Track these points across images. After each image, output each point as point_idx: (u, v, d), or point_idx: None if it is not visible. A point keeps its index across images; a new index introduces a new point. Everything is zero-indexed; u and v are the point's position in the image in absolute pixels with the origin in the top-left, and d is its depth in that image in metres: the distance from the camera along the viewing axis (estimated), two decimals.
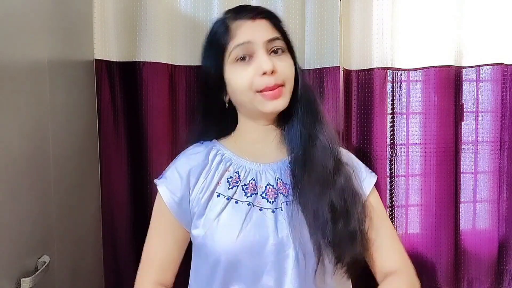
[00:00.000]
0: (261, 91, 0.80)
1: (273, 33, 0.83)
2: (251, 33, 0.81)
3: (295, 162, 0.84)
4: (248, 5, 0.89)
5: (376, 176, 0.93)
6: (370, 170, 0.94)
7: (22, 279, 0.77)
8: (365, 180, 0.90)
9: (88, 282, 1.15)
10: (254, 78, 0.80)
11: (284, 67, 0.82)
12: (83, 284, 1.10)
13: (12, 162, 0.77)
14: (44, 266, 0.84)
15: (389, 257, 0.87)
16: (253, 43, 0.80)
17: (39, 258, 0.86)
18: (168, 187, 0.86)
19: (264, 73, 0.79)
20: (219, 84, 0.85)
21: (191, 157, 0.88)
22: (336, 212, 0.79)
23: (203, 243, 0.82)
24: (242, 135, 0.91)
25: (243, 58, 0.81)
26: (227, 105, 0.88)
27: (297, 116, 0.86)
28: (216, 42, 0.84)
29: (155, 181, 0.88)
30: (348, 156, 0.91)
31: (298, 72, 0.86)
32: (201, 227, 0.82)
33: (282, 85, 0.81)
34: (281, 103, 0.82)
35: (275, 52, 0.83)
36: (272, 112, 0.83)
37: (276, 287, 0.78)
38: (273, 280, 0.78)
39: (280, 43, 0.83)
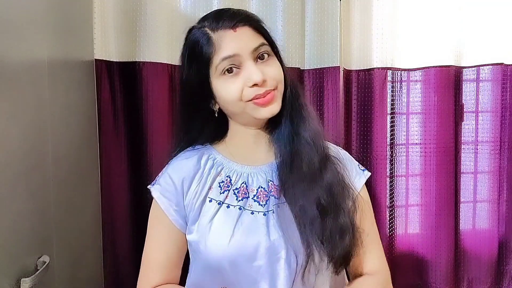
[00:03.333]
0: (251, 100, 0.79)
1: (258, 40, 0.80)
2: (236, 45, 0.78)
3: (282, 162, 0.83)
4: (226, 11, 0.83)
5: (369, 174, 0.93)
6: (362, 168, 0.93)
7: (22, 279, 0.77)
8: (356, 177, 0.90)
9: (88, 282, 1.15)
10: (244, 89, 0.78)
11: (273, 71, 0.81)
12: (83, 284, 1.10)
13: (11, 161, 0.77)
14: (44, 266, 0.84)
15: (368, 260, 0.88)
16: (239, 55, 0.78)
17: (39, 258, 0.86)
18: (162, 193, 0.86)
19: (255, 85, 0.78)
20: (206, 94, 0.84)
21: (183, 163, 0.88)
22: (324, 208, 0.78)
23: (197, 248, 0.82)
24: (233, 139, 0.90)
25: (230, 70, 0.79)
26: (216, 113, 0.87)
27: (285, 117, 0.85)
28: (200, 54, 0.80)
29: (149, 187, 0.88)
30: (337, 151, 0.91)
31: (285, 71, 0.85)
32: (195, 232, 0.82)
33: (274, 89, 0.80)
34: (275, 107, 0.81)
35: (261, 57, 0.80)
36: (268, 117, 0.82)
37: None
38: (267, 283, 0.78)
39: (265, 48, 0.81)
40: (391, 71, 1.35)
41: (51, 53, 0.94)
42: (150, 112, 1.24)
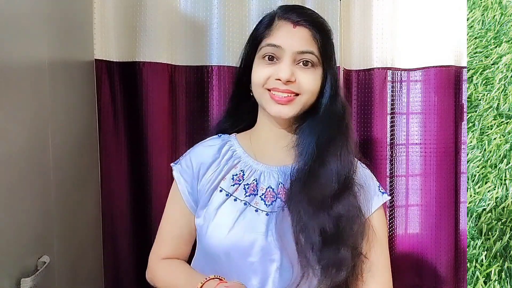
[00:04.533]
0: (270, 90, 0.81)
1: (307, 46, 0.81)
2: (286, 39, 0.81)
3: (297, 173, 0.82)
4: (301, 8, 0.88)
5: (387, 198, 0.89)
6: (382, 191, 0.89)
7: (22, 279, 0.78)
8: (373, 198, 0.86)
9: (88, 282, 1.15)
10: (269, 78, 0.81)
11: (304, 79, 0.81)
12: (83, 284, 1.10)
13: (12, 162, 0.77)
14: (44, 266, 0.84)
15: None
16: (283, 49, 0.80)
17: (39, 258, 0.86)
18: (181, 173, 0.89)
19: (278, 79, 0.79)
20: (248, 74, 0.86)
21: (205, 149, 0.90)
22: (326, 237, 0.77)
23: (200, 233, 0.85)
24: (258, 133, 0.91)
25: (271, 58, 0.81)
26: (252, 93, 0.87)
27: (314, 130, 0.83)
28: (257, 32, 0.85)
29: (172, 164, 0.92)
30: (363, 174, 0.87)
31: (326, 87, 0.84)
32: (202, 217, 0.85)
33: (296, 94, 0.80)
34: (286, 110, 0.81)
35: (305, 64, 0.81)
36: (275, 116, 0.82)
37: None
38: (258, 280, 0.79)
39: (310, 57, 0.81)
40: (391, 71, 1.35)
41: (51, 53, 0.94)
42: (150, 112, 1.24)
